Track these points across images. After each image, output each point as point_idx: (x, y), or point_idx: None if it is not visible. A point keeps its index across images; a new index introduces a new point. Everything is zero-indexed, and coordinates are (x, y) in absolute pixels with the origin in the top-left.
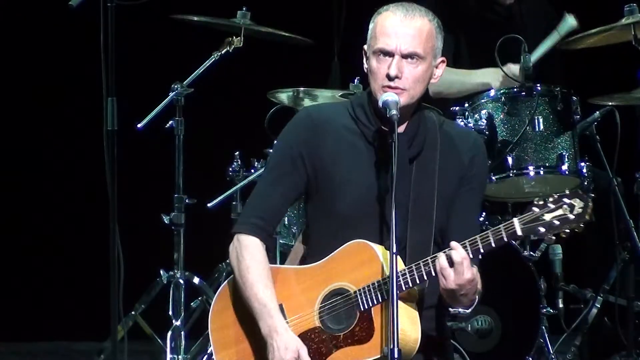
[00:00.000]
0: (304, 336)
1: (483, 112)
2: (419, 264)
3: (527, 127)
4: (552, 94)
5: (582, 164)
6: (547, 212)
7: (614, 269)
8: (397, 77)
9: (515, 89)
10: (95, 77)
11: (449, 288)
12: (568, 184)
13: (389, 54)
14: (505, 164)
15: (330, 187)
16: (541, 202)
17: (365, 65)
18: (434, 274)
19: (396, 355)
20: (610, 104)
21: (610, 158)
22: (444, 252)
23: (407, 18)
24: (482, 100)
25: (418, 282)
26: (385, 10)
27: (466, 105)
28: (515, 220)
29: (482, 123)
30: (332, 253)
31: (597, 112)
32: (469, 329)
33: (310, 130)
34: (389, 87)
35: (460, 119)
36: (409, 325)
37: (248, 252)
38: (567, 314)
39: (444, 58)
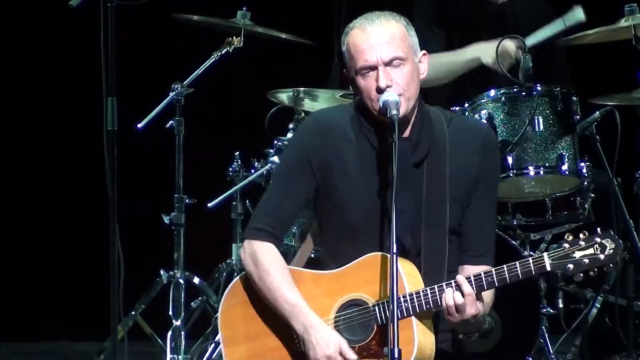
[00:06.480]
0: None
1: (483, 112)
2: (434, 288)
3: (527, 127)
4: (552, 94)
5: (582, 164)
6: (578, 250)
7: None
8: (388, 86)
9: (515, 89)
10: (95, 77)
11: (452, 322)
12: (568, 184)
13: (373, 68)
14: (505, 164)
15: (338, 193)
16: (573, 239)
17: (352, 88)
18: (439, 304)
19: (396, 355)
20: (610, 104)
21: (610, 158)
22: (451, 287)
23: (376, 27)
24: (482, 101)
25: (425, 309)
26: (352, 29)
27: (466, 105)
28: (545, 256)
29: None
30: (351, 262)
31: (597, 112)
32: None
33: (317, 135)
34: None
35: None
36: (423, 337)
37: (265, 256)
38: (567, 314)
39: (424, 52)
